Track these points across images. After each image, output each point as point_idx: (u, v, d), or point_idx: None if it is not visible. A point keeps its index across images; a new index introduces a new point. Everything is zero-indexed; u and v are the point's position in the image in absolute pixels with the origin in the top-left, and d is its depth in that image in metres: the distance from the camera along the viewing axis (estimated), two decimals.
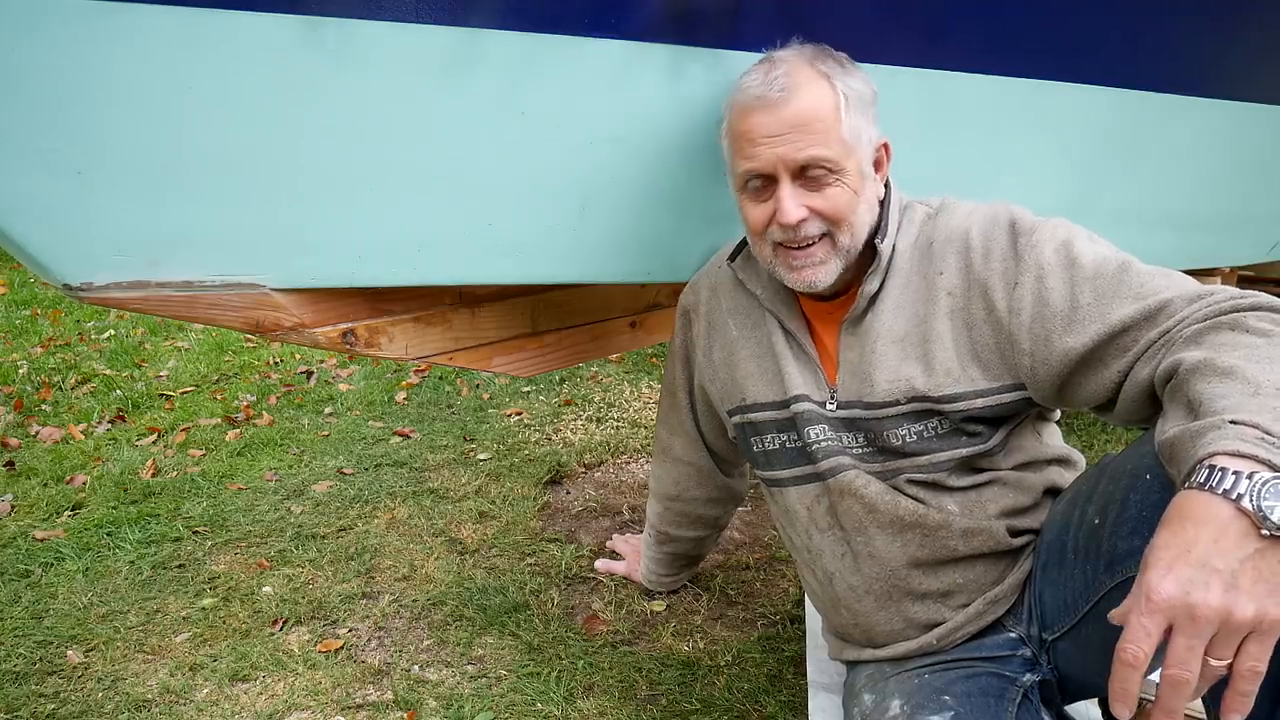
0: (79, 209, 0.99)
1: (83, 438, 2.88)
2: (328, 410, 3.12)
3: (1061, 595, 1.11)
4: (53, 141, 0.95)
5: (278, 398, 3.26)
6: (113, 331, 4.12)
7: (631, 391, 3.21)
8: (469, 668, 1.68)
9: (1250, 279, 4.34)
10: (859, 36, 1.37)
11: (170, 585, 1.97)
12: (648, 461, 2.58)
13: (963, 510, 1.15)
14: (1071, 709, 1.25)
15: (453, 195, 1.19)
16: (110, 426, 2.99)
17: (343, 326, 1.22)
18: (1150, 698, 1.27)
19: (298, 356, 3.73)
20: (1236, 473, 0.71)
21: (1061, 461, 1.22)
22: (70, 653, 1.73)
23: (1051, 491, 1.20)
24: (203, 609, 1.87)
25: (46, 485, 2.51)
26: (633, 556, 1.92)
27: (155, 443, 2.85)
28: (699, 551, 1.83)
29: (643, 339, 1.72)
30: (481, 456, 2.67)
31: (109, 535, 2.20)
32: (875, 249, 1.14)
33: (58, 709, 1.59)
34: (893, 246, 1.15)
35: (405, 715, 1.54)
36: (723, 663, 1.66)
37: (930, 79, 1.48)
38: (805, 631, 1.68)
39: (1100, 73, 1.69)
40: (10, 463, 2.65)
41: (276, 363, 3.68)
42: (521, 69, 1.15)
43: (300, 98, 1.04)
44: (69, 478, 2.56)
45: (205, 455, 2.72)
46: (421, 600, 1.89)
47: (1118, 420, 1.03)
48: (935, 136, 1.56)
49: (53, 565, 2.07)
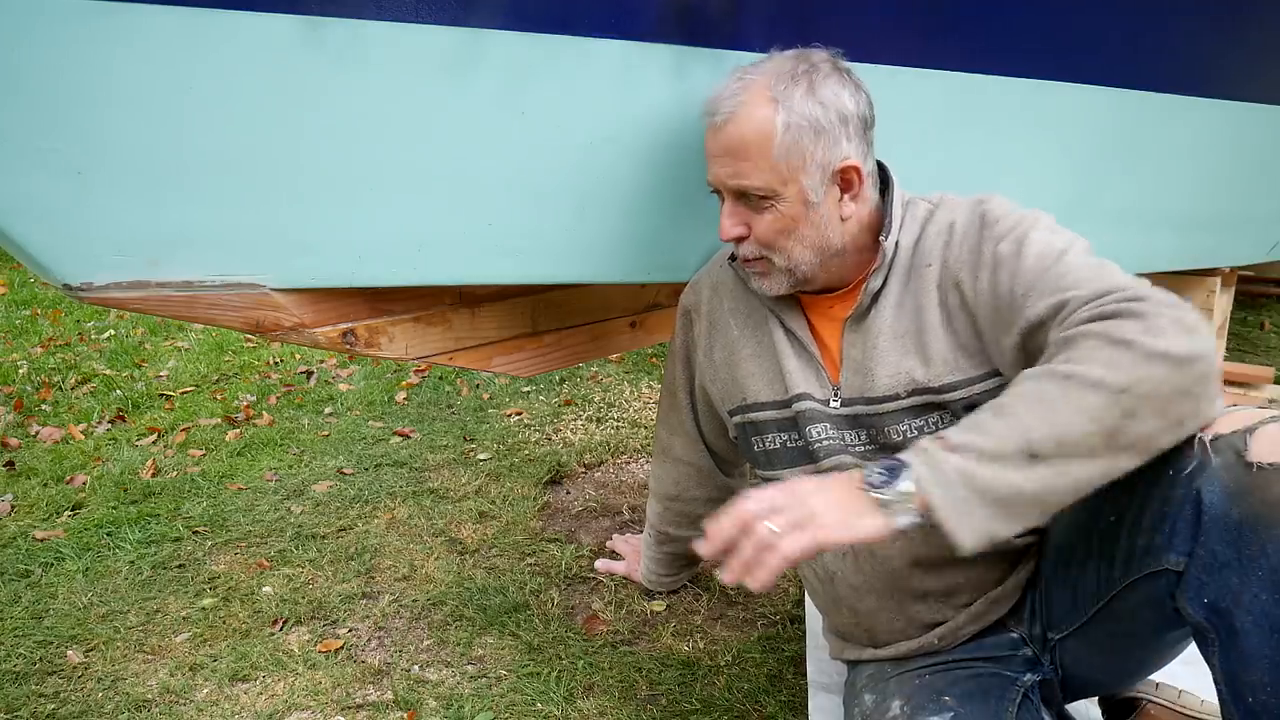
0: (79, 209, 0.99)
1: (83, 438, 2.88)
2: (328, 410, 3.12)
3: (1070, 594, 1.11)
4: (53, 141, 0.95)
5: (278, 398, 3.26)
6: (113, 331, 4.12)
7: (631, 391, 3.21)
8: (469, 668, 1.68)
9: (1250, 279, 4.35)
10: (859, 37, 1.38)
11: (170, 585, 1.97)
12: (648, 461, 2.58)
13: None
14: (1071, 708, 1.25)
15: (453, 195, 1.19)
16: (110, 426, 2.99)
17: (343, 326, 1.22)
18: (1150, 698, 1.28)
19: (298, 356, 3.73)
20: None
21: None
22: (70, 653, 1.73)
23: None
24: (203, 609, 1.87)
25: (46, 485, 2.51)
26: (633, 556, 1.92)
27: (155, 443, 2.85)
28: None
29: (643, 339, 1.72)
30: (481, 456, 2.67)
31: (109, 535, 2.20)
32: (879, 246, 1.15)
33: (58, 709, 1.59)
34: (896, 244, 1.15)
35: (405, 715, 1.54)
36: (723, 663, 1.66)
37: (930, 79, 1.48)
38: (805, 631, 1.68)
39: (1100, 73, 1.69)
40: (10, 463, 2.65)
41: (276, 363, 3.68)
42: (522, 69, 1.15)
43: (300, 98, 1.04)
44: (69, 478, 2.56)
45: (205, 455, 2.72)
46: (421, 600, 1.89)
47: None
48: (935, 136, 1.56)
49: (53, 565, 2.07)
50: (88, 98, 0.94)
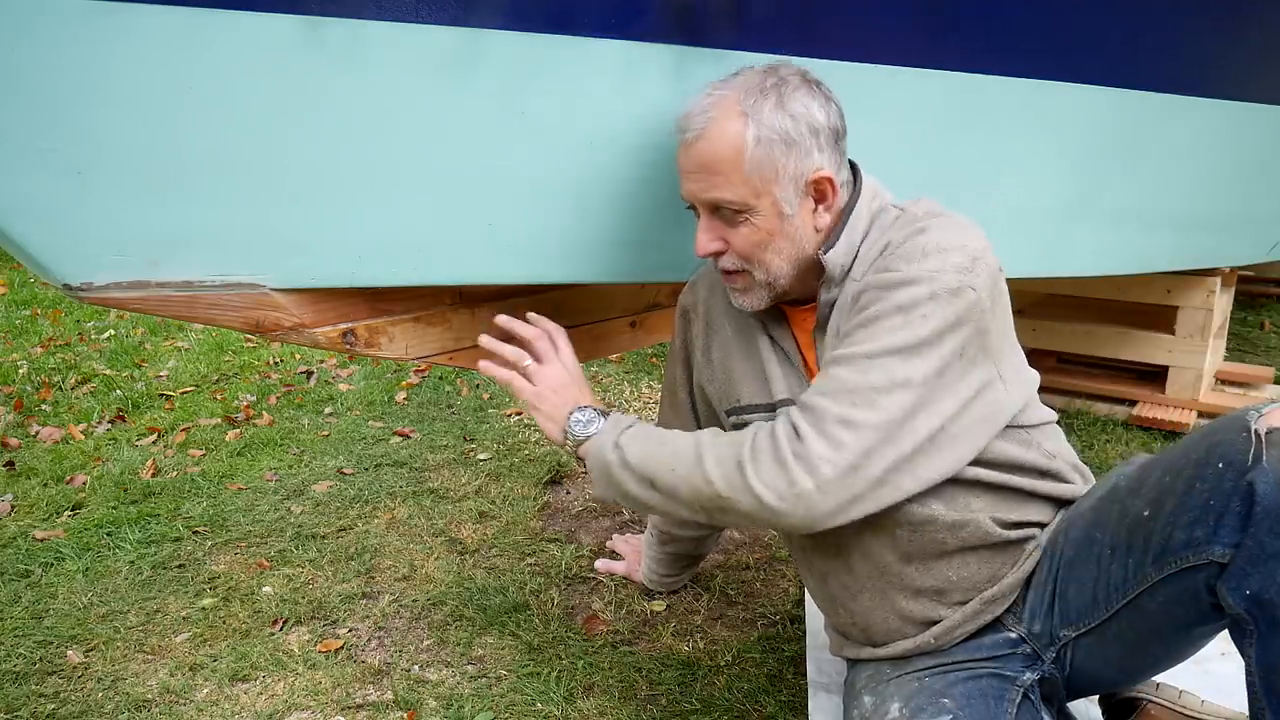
0: (79, 209, 0.99)
1: (83, 438, 2.88)
2: (328, 410, 3.12)
3: (1089, 591, 1.11)
4: (52, 141, 0.95)
5: (278, 398, 3.26)
6: (113, 331, 4.12)
7: (631, 391, 3.22)
8: (469, 668, 1.68)
9: (1250, 279, 4.36)
10: (859, 37, 1.38)
11: (170, 585, 1.97)
12: None
13: (946, 505, 1.15)
14: (1071, 708, 1.25)
15: (453, 195, 1.19)
16: (110, 426, 2.99)
17: (343, 326, 1.22)
18: (1150, 698, 1.27)
19: (298, 356, 3.73)
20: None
21: (1047, 473, 1.20)
22: (70, 653, 1.73)
23: (1040, 494, 1.19)
24: (203, 609, 1.87)
25: (46, 485, 2.52)
26: (633, 556, 1.92)
27: (155, 443, 2.85)
28: (700, 551, 1.83)
29: (643, 339, 1.72)
30: (481, 456, 2.67)
31: (109, 535, 2.20)
32: (823, 262, 1.15)
33: (58, 709, 1.59)
34: (855, 254, 1.15)
35: (405, 715, 1.54)
36: (723, 663, 1.66)
37: (930, 79, 1.48)
38: (805, 631, 1.68)
39: (1100, 73, 1.69)
40: (10, 463, 2.66)
41: (276, 363, 3.68)
42: (523, 69, 1.15)
43: (300, 98, 1.04)
44: (69, 478, 2.56)
45: (205, 455, 2.72)
46: (421, 600, 1.89)
47: None
48: (935, 136, 1.56)
49: (53, 565, 2.07)
50: (88, 98, 0.94)
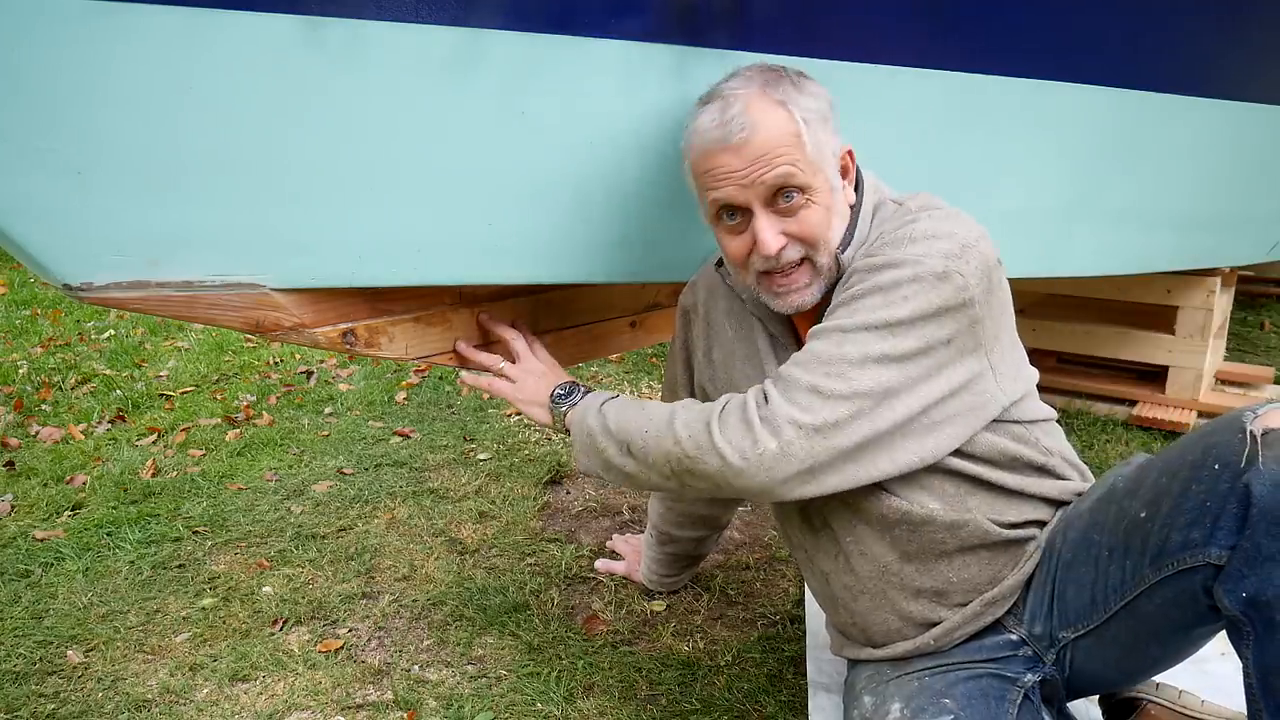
0: (79, 209, 0.98)
1: (83, 438, 2.88)
2: (328, 410, 3.12)
3: (1088, 592, 1.11)
4: (52, 141, 0.94)
5: (278, 398, 3.26)
6: (113, 331, 4.12)
7: (631, 391, 3.21)
8: (469, 668, 1.68)
9: (1250, 279, 4.36)
10: (859, 37, 1.38)
11: (170, 585, 1.97)
12: None
13: (944, 506, 1.15)
14: (1071, 708, 1.25)
15: (453, 195, 1.19)
16: (110, 426, 2.99)
17: (343, 326, 1.22)
18: (1150, 698, 1.27)
19: (298, 356, 3.73)
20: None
21: (1045, 470, 1.21)
22: (70, 653, 1.73)
23: (1040, 493, 1.20)
24: (203, 609, 1.87)
25: (46, 485, 2.51)
26: (633, 556, 1.92)
27: (155, 443, 2.85)
28: (700, 551, 1.83)
29: (643, 339, 1.72)
30: (481, 456, 2.67)
31: (109, 535, 2.20)
32: (838, 260, 1.15)
33: (58, 709, 1.59)
34: (851, 256, 1.15)
35: (405, 715, 1.54)
36: (723, 663, 1.66)
37: (930, 79, 1.48)
38: (805, 631, 1.68)
39: (1100, 73, 1.69)
40: (10, 463, 2.65)
41: (276, 363, 3.68)
42: (523, 69, 1.15)
43: (300, 98, 1.04)
44: (69, 478, 2.56)
45: (205, 455, 2.72)
46: (421, 600, 1.89)
47: None
48: (935, 137, 1.56)
49: (53, 565, 2.07)
50: (88, 98, 0.94)
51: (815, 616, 1.66)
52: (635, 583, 1.91)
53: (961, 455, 1.14)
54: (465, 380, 1.36)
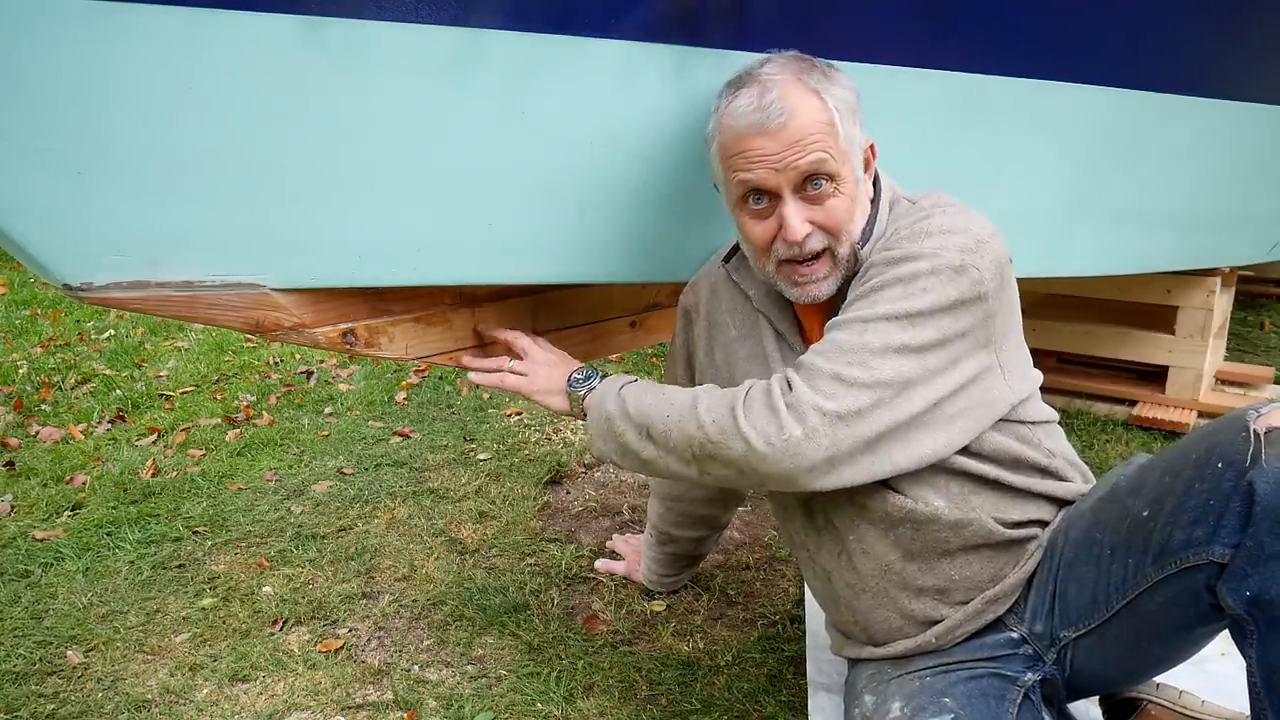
0: (79, 209, 0.98)
1: (83, 438, 2.88)
2: (328, 410, 3.12)
3: (1089, 591, 1.11)
4: (52, 141, 0.95)
5: (278, 398, 3.26)
6: (113, 331, 4.12)
7: None
8: (469, 668, 1.68)
9: (1250, 279, 4.36)
10: (860, 37, 1.38)
11: (170, 585, 1.97)
12: None
13: (948, 504, 1.15)
14: (1071, 708, 1.25)
15: (453, 195, 1.19)
16: (110, 426, 2.99)
17: (343, 326, 1.22)
18: (1150, 698, 1.27)
19: (298, 356, 3.73)
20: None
21: (1048, 471, 1.21)
22: (70, 653, 1.73)
23: (1038, 493, 1.20)
24: (203, 609, 1.87)
25: (46, 485, 2.51)
26: (633, 556, 1.92)
27: (155, 443, 2.85)
28: (699, 551, 1.83)
29: (643, 339, 1.72)
30: (481, 456, 2.67)
31: (109, 535, 2.20)
32: (857, 255, 1.16)
33: (58, 709, 1.59)
34: (869, 252, 1.16)
35: (405, 715, 1.54)
36: (723, 663, 1.66)
37: (930, 79, 1.48)
38: (805, 631, 1.68)
39: (1100, 73, 1.69)
40: (10, 463, 2.65)
41: (276, 363, 3.68)
42: (523, 69, 1.15)
43: (300, 98, 1.04)
44: (69, 478, 2.56)
45: (205, 455, 2.72)
46: (421, 600, 1.89)
47: None
48: (935, 137, 1.56)
49: (53, 565, 2.07)
50: (88, 98, 0.94)
51: (815, 616, 1.66)
52: (635, 583, 1.91)
53: (968, 454, 1.14)
54: (475, 380, 1.33)
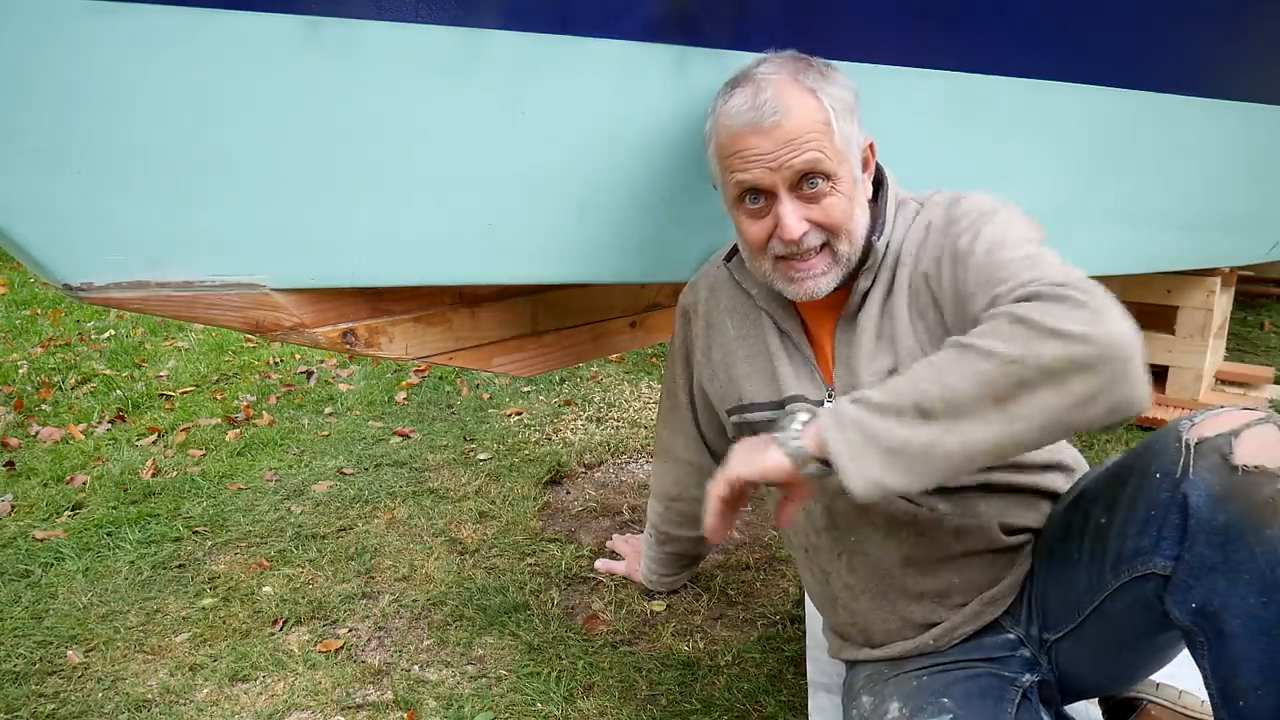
0: (79, 209, 0.98)
1: (83, 438, 2.88)
2: (328, 410, 3.12)
3: (1064, 595, 1.11)
4: (53, 141, 0.95)
5: (278, 398, 3.26)
6: (113, 331, 4.12)
7: (631, 391, 3.21)
8: (469, 668, 1.68)
9: (1250, 279, 4.35)
10: (859, 37, 1.37)
11: (170, 585, 1.97)
12: (648, 461, 2.58)
13: (954, 509, 1.15)
14: (1071, 709, 1.25)
15: (453, 195, 1.19)
16: (110, 426, 2.99)
17: (343, 326, 1.22)
18: (1150, 698, 1.28)
19: (298, 356, 3.73)
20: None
21: (1056, 467, 1.21)
22: (70, 653, 1.73)
23: (1045, 493, 1.20)
24: (203, 609, 1.87)
25: (46, 485, 2.51)
26: (633, 556, 1.92)
27: (155, 443, 2.85)
28: (699, 551, 1.83)
29: (643, 339, 1.72)
30: (481, 456, 2.67)
31: (109, 535, 2.20)
32: (872, 246, 1.15)
33: (58, 709, 1.59)
34: (885, 244, 1.16)
35: (405, 715, 1.54)
36: (723, 663, 1.66)
37: (930, 79, 1.48)
38: (805, 631, 1.68)
39: (1100, 73, 1.69)
40: (10, 463, 2.65)
41: (276, 363, 3.68)
42: (523, 69, 1.15)
43: (300, 98, 1.04)
44: (69, 478, 2.56)
45: (205, 455, 2.72)
46: (421, 600, 1.89)
47: None
48: (935, 137, 1.56)
49: (53, 565, 2.07)
50: (88, 98, 0.94)
51: (815, 617, 1.65)
52: (635, 583, 1.90)
53: None
54: (716, 528, 1.11)
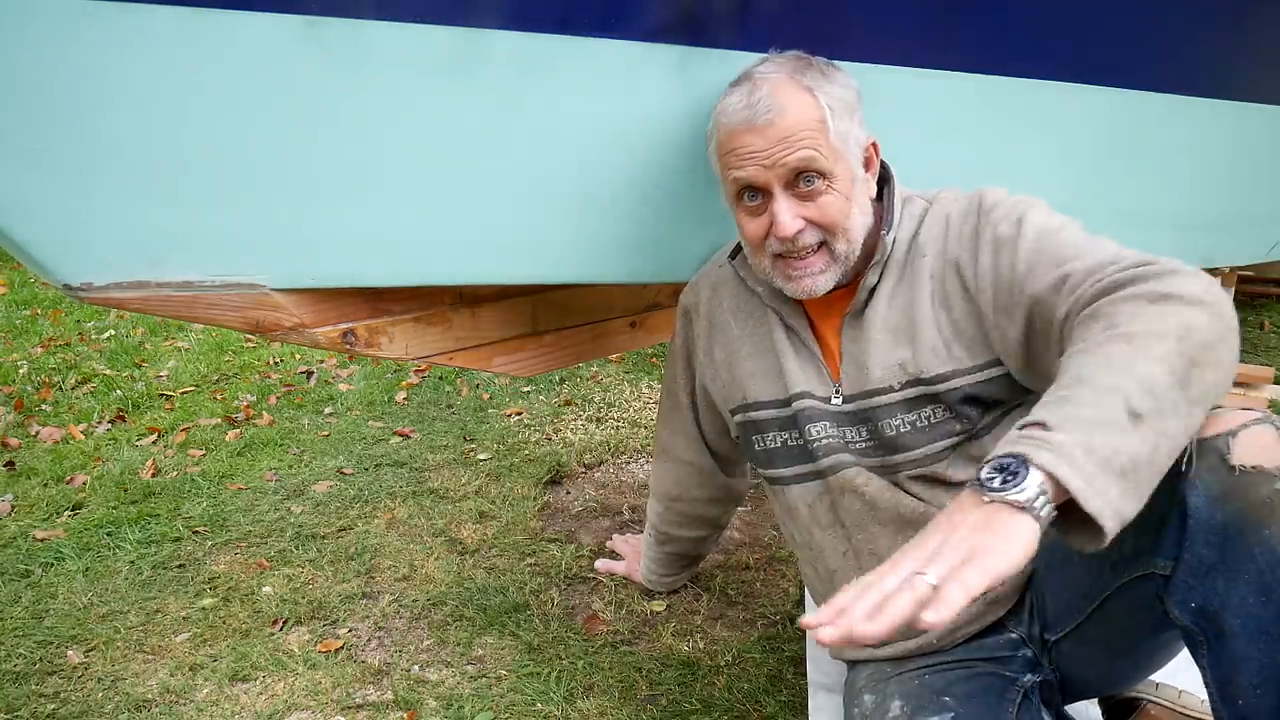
0: (79, 209, 0.99)
1: (83, 438, 2.88)
2: (328, 410, 3.12)
3: (1065, 596, 1.11)
4: (52, 141, 0.95)
5: (278, 398, 3.26)
6: (113, 331, 4.12)
7: (631, 391, 3.21)
8: (469, 668, 1.68)
9: (1250, 279, 4.35)
10: (860, 37, 1.38)
11: (170, 585, 1.97)
12: (648, 461, 2.58)
13: None
14: (1071, 709, 1.25)
15: (453, 195, 1.19)
16: (110, 426, 2.99)
17: (343, 326, 1.22)
18: (1150, 698, 1.27)
19: (298, 356, 3.73)
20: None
21: None
22: (70, 653, 1.73)
23: None
24: (203, 609, 1.87)
25: (46, 485, 2.51)
26: (633, 556, 1.92)
27: (155, 443, 2.85)
28: (699, 551, 1.83)
29: (643, 339, 1.72)
30: (481, 456, 2.67)
31: (109, 535, 2.20)
32: (879, 241, 1.15)
33: (58, 709, 1.59)
34: (893, 239, 1.16)
35: (405, 715, 1.54)
36: (723, 663, 1.66)
37: (930, 79, 1.48)
38: (805, 631, 1.68)
39: (1100, 73, 1.69)
40: (10, 463, 2.65)
41: (276, 363, 3.68)
42: (524, 69, 1.15)
43: (301, 98, 1.04)
44: (69, 478, 2.56)
45: (205, 455, 2.72)
46: (421, 600, 1.89)
47: None
48: (935, 137, 1.56)
49: (53, 565, 2.07)
50: (88, 97, 0.94)
51: None
52: (635, 583, 1.91)
53: (978, 445, 1.15)
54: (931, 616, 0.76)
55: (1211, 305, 0.85)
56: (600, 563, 1.98)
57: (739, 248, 1.30)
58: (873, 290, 1.16)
